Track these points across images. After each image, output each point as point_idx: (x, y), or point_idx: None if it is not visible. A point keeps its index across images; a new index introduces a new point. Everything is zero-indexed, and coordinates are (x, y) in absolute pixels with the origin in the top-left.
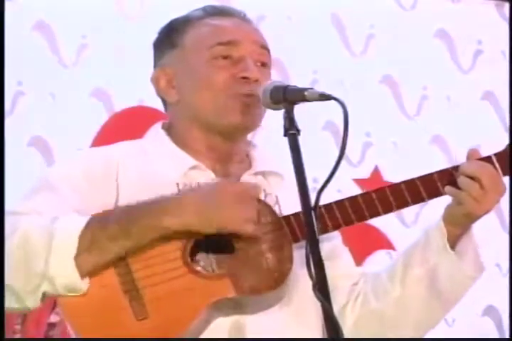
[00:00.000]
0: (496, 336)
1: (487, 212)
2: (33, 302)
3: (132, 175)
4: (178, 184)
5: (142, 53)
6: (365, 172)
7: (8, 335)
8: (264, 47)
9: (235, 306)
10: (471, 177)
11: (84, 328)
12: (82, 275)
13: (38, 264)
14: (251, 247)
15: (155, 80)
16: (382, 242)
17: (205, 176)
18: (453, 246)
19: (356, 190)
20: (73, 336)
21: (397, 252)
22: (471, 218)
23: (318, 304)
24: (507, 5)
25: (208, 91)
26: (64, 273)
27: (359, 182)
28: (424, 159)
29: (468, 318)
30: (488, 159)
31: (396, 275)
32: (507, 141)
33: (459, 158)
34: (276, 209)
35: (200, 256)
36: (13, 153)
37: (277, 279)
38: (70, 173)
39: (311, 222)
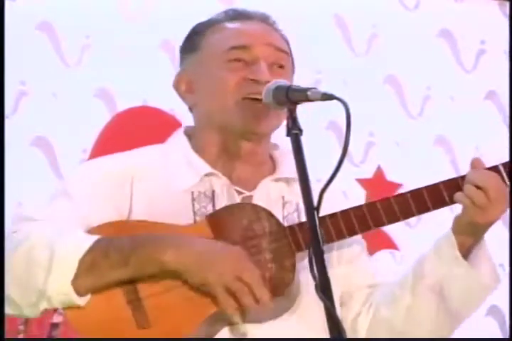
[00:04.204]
0: (499, 336)
1: (492, 222)
2: (32, 313)
3: (148, 183)
4: (192, 192)
5: (145, 53)
6: (368, 172)
7: (11, 335)
8: (281, 50)
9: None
10: (478, 187)
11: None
12: (81, 295)
13: (37, 282)
14: (253, 257)
15: (176, 85)
16: (385, 242)
17: (221, 183)
18: (465, 256)
19: (358, 190)
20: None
21: (400, 252)
22: (476, 227)
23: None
24: (508, 4)
25: (220, 94)
26: (61, 295)
27: (362, 182)
28: (428, 159)
29: (471, 318)
30: (495, 169)
31: (406, 284)
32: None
33: (462, 158)
34: (295, 216)
35: None
36: (15, 153)
37: (279, 288)
38: (86, 181)
39: (313, 222)
